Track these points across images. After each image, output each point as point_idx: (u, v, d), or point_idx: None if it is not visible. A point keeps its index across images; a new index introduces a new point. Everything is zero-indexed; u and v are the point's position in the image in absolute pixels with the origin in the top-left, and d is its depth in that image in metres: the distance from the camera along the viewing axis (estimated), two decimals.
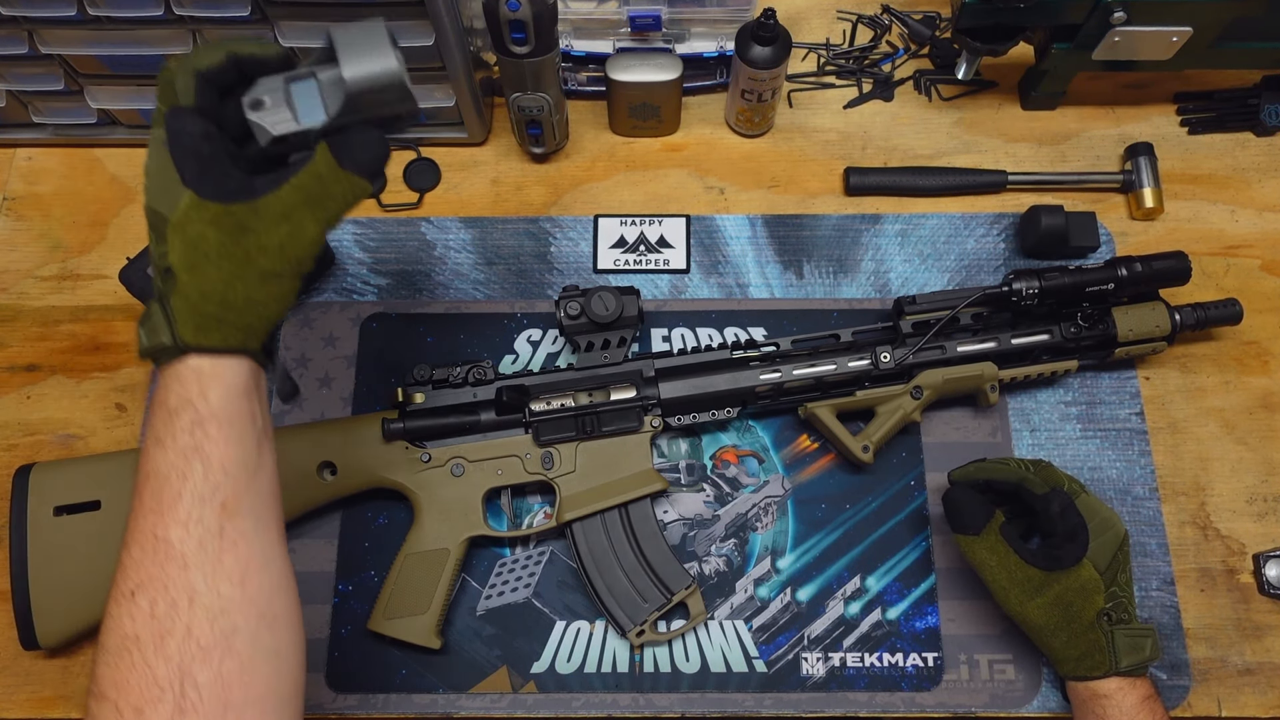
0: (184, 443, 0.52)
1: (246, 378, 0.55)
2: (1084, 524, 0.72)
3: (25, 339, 0.90)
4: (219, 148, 0.54)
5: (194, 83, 0.54)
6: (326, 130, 0.56)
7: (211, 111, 0.55)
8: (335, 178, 0.56)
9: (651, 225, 0.93)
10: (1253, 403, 0.88)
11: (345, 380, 0.87)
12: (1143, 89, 0.99)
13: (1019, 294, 0.80)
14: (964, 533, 0.74)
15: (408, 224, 0.94)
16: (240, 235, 0.54)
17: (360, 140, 0.57)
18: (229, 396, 0.54)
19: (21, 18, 0.81)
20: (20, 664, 0.80)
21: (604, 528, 0.79)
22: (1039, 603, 0.71)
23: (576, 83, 0.97)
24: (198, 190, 0.53)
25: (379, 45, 0.56)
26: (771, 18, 0.85)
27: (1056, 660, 0.73)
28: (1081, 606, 0.71)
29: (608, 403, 0.80)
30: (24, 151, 0.97)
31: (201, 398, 0.53)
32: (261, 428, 0.56)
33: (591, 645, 0.80)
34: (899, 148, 0.98)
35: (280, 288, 0.56)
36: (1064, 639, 0.71)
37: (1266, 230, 0.94)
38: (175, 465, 0.52)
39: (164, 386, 0.54)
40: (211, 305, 0.54)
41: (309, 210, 0.56)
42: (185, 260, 0.53)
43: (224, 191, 0.53)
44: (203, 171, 0.53)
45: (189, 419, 0.53)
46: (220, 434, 0.53)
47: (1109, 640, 0.70)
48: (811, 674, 0.79)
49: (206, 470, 0.52)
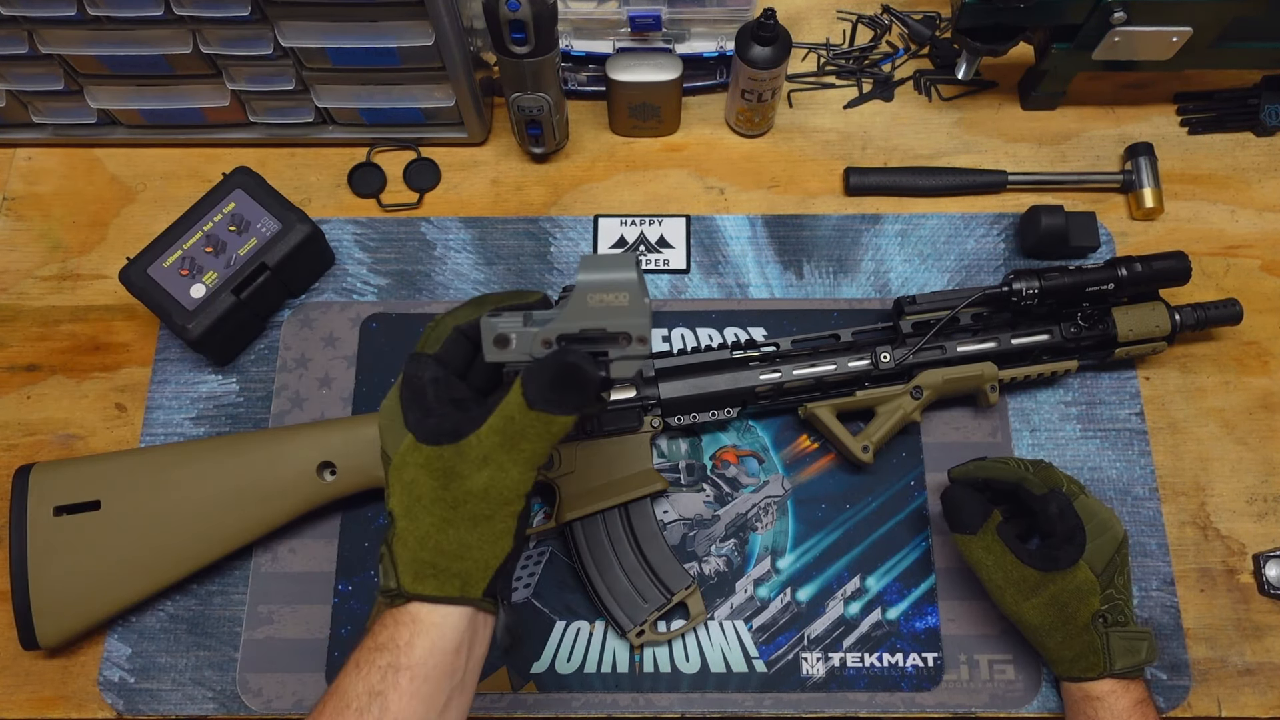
0: (373, 682, 0.53)
1: (460, 629, 0.55)
2: (1081, 525, 0.72)
3: (25, 339, 0.90)
4: (444, 393, 0.56)
5: (448, 334, 0.57)
6: None
7: (457, 360, 0.57)
8: (526, 418, 0.53)
9: (651, 225, 0.93)
10: (1253, 403, 0.88)
11: (345, 380, 0.87)
12: (1143, 89, 0.99)
13: (1019, 294, 0.80)
14: (961, 531, 0.74)
15: (408, 224, 0.94)
16: (448, 480, 0.54)
17: (552, 373, 0.53)
18: (433, 650, 0.54)
19: (21, 18, 0.81)
20: (20, 664, 0.80)
21: (604, 528, 0.79)
22: (1034, 603, 0.72)
23: (576, 83, 0.97)
24: (416, 433, 0.55)
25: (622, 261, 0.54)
26: (771, 18, 0.85)
27: (1051, 660, 0.73)
28: (1077, 608, 0.71)
29: (607, 403, 0.80)
30: (24, 151, 0.97)
31: (407, 646, 0.54)
32: (460, 682, 0.56)
33: (591, 645, 0.80)
34: (899, 148, 0.98)
35: (493, 530, 0.55)
36: (1059, 639, 0.71)
37: (1266, 230, 0.94)
38: (359, 697, 0.53)
39: (381, 621, 0.55)
40: (426, 552, 0.54)
41: (507, 452, 0.54)
42: (403, 505, 0.55)
43: (437, 434, 0.54)
44: (425, 415, 0.55)
45: (386, 662, 0.53)
46: (410, 687, 0.53)
47: (1104, 642, 0.70)
48: (811, 674, 0.79)
49: (382, 716, 0.52)
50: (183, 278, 0.82)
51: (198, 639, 0.81)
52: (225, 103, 0.90)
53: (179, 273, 0.82)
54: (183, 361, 0.89)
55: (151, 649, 0.80)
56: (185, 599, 0.82)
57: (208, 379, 0.88)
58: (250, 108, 0.92)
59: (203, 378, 0.88)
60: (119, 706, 0.79)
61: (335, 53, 0.84)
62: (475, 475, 0.54)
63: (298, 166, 0.96)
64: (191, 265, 0.83)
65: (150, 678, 0.80)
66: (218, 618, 0.81)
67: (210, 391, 0.88)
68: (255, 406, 0.87)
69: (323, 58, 0.85)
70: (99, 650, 0.80)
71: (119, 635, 0.81)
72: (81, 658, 0.80)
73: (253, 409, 0.87)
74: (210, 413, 0.87)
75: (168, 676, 0.80)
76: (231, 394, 0.88)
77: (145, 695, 0.79)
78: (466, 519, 0.54)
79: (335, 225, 0.93)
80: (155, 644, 0.80)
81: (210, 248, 0.83)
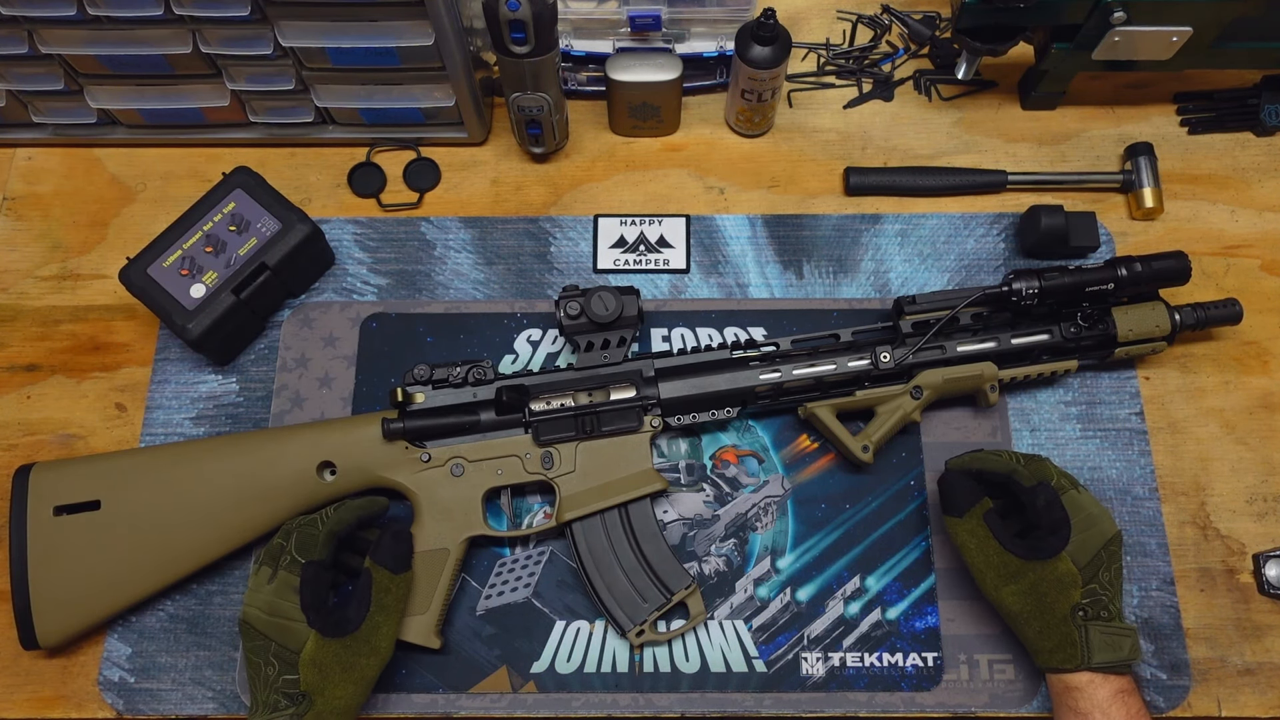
0: None
1: None
2: (1067, 519, 0.73)
3: (25, 339, 0.90)
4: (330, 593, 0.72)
5: (330, 541, 0.73)
6: None
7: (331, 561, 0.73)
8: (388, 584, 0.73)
9: (651, 225, 0.93)
10: (1253, 403, 0.88)
11: (345, 380, 0.87)
12: (1143, 89, 0.99)
13: (1019, 294, 0.80)
14: (950, 514, 0.77)
15: (408, 224, 0.94)
16: (355, 658, 0.70)
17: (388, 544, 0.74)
18: None
19: (21, 18, 0.81)
20: (20, 664, 0.80)
21: (604, 527, 0.79)
22: (1013, 589, 0.73)
23: (576, 83, 0.97)
24: (322, 631, 0.69)
25: None
26: (771, 18, 0.85)
27: (1032, 650, 0.74)
28: (1056, 598, 0.71)
29: (607, 402, 0.80)
30: (24, 151, 0.97)
31: None
32: None
33: (591, 645, 0.80)
34: (899, 148, 0.98)
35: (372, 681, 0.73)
36: (1037, 628, 0.72)
37: (1266, 230, 0.94)
38: None
39: None
40: (339, 717, 0.70)
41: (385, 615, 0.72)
42: (317, 685, 0.69)
43: (339, 630, 0.70)
44: (325, 616, 0.70)
45: None
46: None
47: (1082, 635, 0.71)
48: (811, 674, 0.79)
49: None
50: (183, 278, 0.82)
51: (198, 639, 0.81)
52: (225, 103, 0.90)
53: (179, 272, 0.82)
54: (183, 361, 0.89)
55: (151, 649, 0.80)
56: (185, 599, 0.82)
57: (208, 379, 0.88)
58: (250, 107, 0.92)
59: (203, 377, 0.88)
60: (119, 706, 0.79)
61: (335, 53, 0.84)
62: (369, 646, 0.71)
63: (298, 166, 0.96)
64: (191, 265, 0.83)
65: (150, 677, 0.80)
66: (218, 618, 0.81)
67: (210, 391, 0.88)
68: (255, 406, 0.87)
69: (323, 57, 0.85)
70: (99, 650, 0.80)
71: (119, 635, 0.81)
72: (81, 658, 0.80)
73: (253, 409, 0.87)
74: (210, 413, 0.87)
75: (168, 676, 0.80)
76: (231, 394, 0.88)
77: (145, 695, 0.79)
78: (367, 682, 0.72)
79: (335, 225, 0.93)
80: (155, 644, 0.80)
81: (210, 247, 0.83)
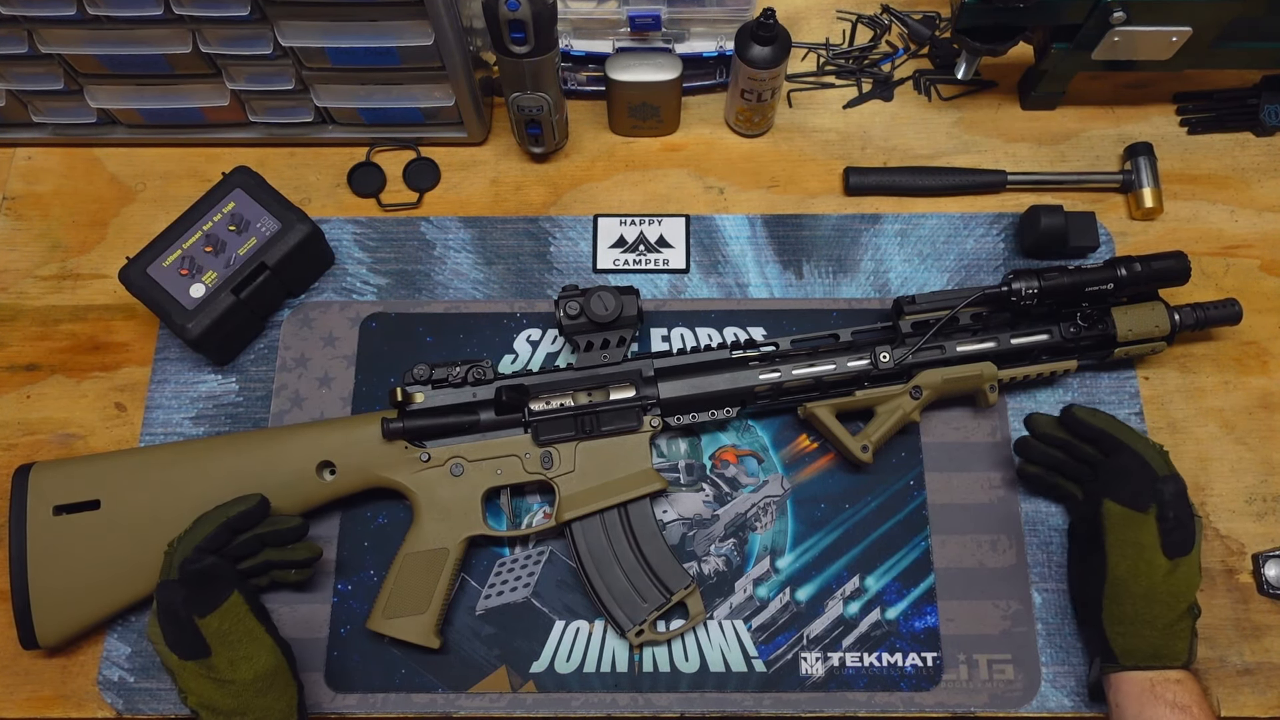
0: None
1: None
2: (1193, 512, 0.72)
3: (25, 339, 0.90)
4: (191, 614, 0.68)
5: (190, 554, 0.70)
6: None
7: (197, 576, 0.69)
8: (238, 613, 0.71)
9: (651, 225, 0.93)
10: (1252, 403, 0.88)
11: (345, 380, 0.87)
12: (1143, 89, 0.99)
13: (1018, 294, 0.80)
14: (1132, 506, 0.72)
15: (407, 224, 0.94)
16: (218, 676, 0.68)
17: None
18: None
19: (21, 17, 0.81)
20: (20, 663, 0.80)
21: (603, 527, 0.79)
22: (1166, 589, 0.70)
23: (576, 83, 0.97)
24: (177, 653, 0.68)
25: None
26: (771, 17, 0.85)
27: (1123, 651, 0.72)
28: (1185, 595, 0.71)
29: (607, 402, 0.80)
30: (24, 151, 0.97)
31: None
32: None
33: (591, 645, 0.80)
34: (899, 148, 0.98)
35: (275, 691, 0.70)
36: (1160, 627, 0.71)
37: (1266, 230, 0.94)
38: None
39: None
40: None
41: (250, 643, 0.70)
42: (201, 701, 0.69)
43: (192, 652, 0.68)
44: (180, 637, 0.68)
45: None
46: None
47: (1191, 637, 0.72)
48: (811, 674, 0.79)
49: None
50: (182, 277, 0.82)
51: None
52: (225, 102, 0.90)
53: (179, 272, 0.83)
54: (182, 361, 0.89)
55: (151, 648, 0.80)
56: None
57: (207, 378, 0.88)
58: (250, 107, 0.92)
59: (202, 377, 0.88)
60: (119, 706, 0.79)
61: (335, 52, 0.84)
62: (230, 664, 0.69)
63: (297, 166, 0.96)
64: (191, 265, 0.83)
65: (150, 677, 0.80)
66: None
67: (210, 391, 0.88)
68: (255, 406, 0.87)
69: (322, 57, 0.85)
70: (99, 649, 0.80)
71: (119, 635, 0.81)
72: (81, 657, 0.80)
73: (252, 408, 0.87)
74: (210, 412, 0.87)
75: (167, 676, 0.80)
76: (231, 393, 0.88)
77: (145, 694, 0.79)
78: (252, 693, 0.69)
79: (335, 225, 0.93)
80: None
81: (210, 247, 0.83)
